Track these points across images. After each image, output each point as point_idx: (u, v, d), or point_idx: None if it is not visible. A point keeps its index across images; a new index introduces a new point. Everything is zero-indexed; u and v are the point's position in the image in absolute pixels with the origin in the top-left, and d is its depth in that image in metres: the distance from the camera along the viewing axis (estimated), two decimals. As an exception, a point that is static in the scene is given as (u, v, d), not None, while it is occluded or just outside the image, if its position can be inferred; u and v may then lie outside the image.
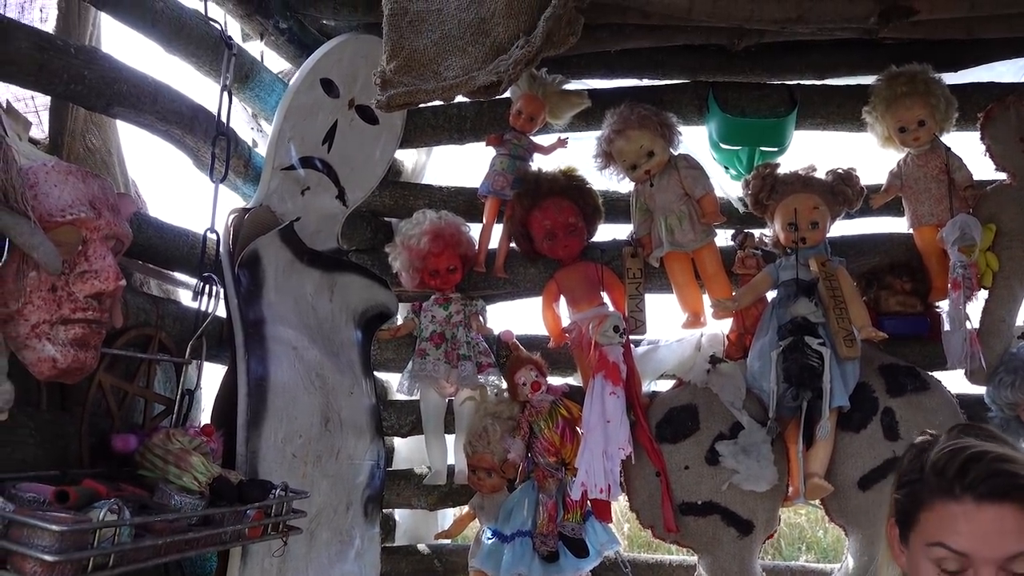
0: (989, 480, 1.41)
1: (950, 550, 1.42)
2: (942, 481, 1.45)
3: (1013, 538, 1.39)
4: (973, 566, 1.41)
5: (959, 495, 1.42)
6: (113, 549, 1.57)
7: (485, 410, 3.07)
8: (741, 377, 2.96)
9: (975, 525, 1.41)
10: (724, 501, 2.83)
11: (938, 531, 1.44)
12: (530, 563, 2.95)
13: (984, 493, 1.41)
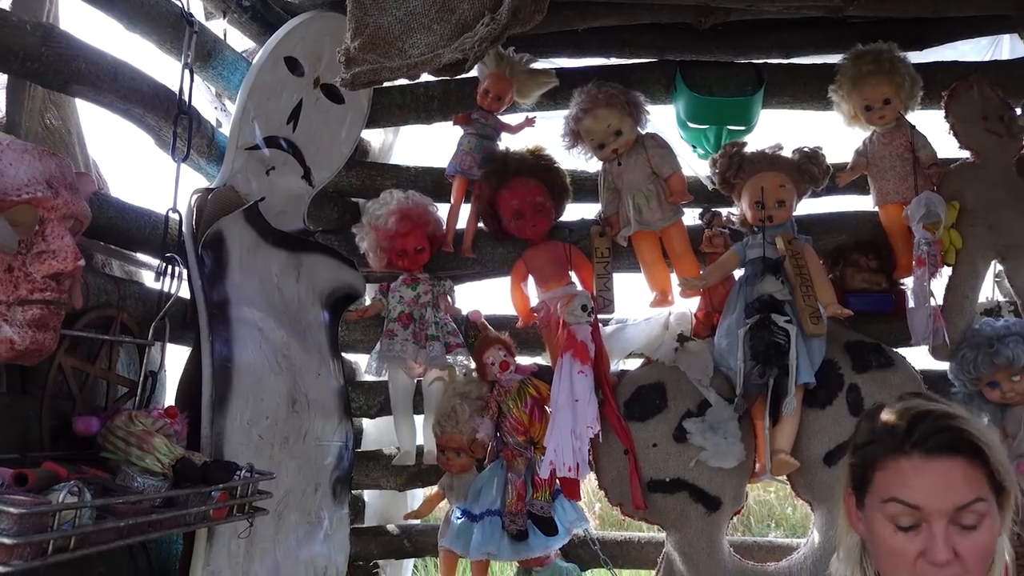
0: (936, 435, 1.46)
1: (903, 503, 1.47)
2: (892, 440, 1.50)
3: (962, 489, 1.44)
4: (926, 519, 1.45)
5: (909, 451, 1.48)
6: (74, 531, 1.56)
7: (454, 390, 3.07)
8: (708, 355, 2.97)
9: (925, 478, 1.46)
10: (692, 478, 2.85)
11: (891, 487, 1.49)
12: (499, 542, 2.95)
13: (932, 448, 1.46)
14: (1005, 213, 2.91)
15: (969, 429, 1.46)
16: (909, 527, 1.47)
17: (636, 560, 3.27)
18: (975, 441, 1.45)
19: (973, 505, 1.44)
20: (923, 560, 1.45)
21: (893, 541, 1.49)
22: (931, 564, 1.44)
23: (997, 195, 2.93)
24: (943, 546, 1.43)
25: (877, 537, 1.52)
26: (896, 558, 1.49)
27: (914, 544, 1.46)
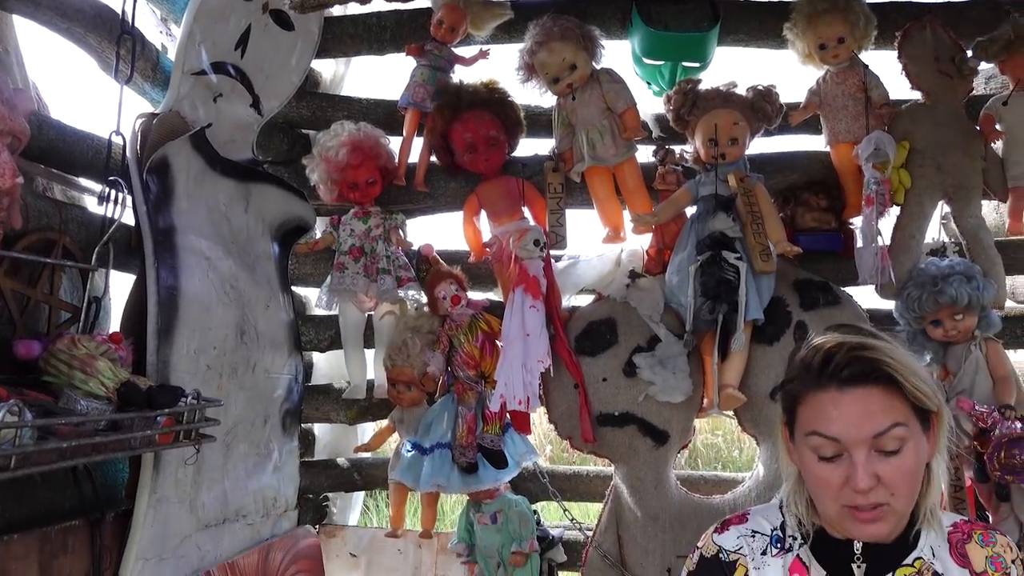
0: (848, 367, 1.49)
1: (823, 436, 1.50)
2: (810, 375, 1.53)
3: (879, 417, 1.47)
4: (846, 449, 1.48)
5: (825, 384, 1.51)
6: (14, 451, 1.53)
7: (405, 324, 3.06)
8: (659, 291, 2.98)
9: (841, 409, 1.49)
10: (640, 412, 2.88)
11: (811, 421, 1.52)
12: (449, 474, 2.97)
13: (846, 379, 1.49)
14: (953, 154, 2.94)
15: (881, 358, 1.49)
16: (831, 457, 1.49)
17: (585, 493, 3.31)
18: (887, 369, 1.48)
19: (891, 431, 1.47)
20: (847, 488, 1.48)
21: (818, 471, 1.51)
22: (854, 491, 1.47)
23: (946, 136, 2.95)
24: (863, 474, 1.45)
25: (805, 468, 1.56)
26: (823, 487, 1.51)
27: (837, 473, 1.49)
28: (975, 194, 2.98)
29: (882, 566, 1.58)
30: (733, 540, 1.66)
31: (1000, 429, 2.67)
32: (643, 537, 2.86)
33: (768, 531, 1.66)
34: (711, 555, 1.66)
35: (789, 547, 1.63)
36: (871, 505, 1.47)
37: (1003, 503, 2.85)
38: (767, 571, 1.61)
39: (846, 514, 1.50)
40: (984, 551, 1.60)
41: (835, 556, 1.60)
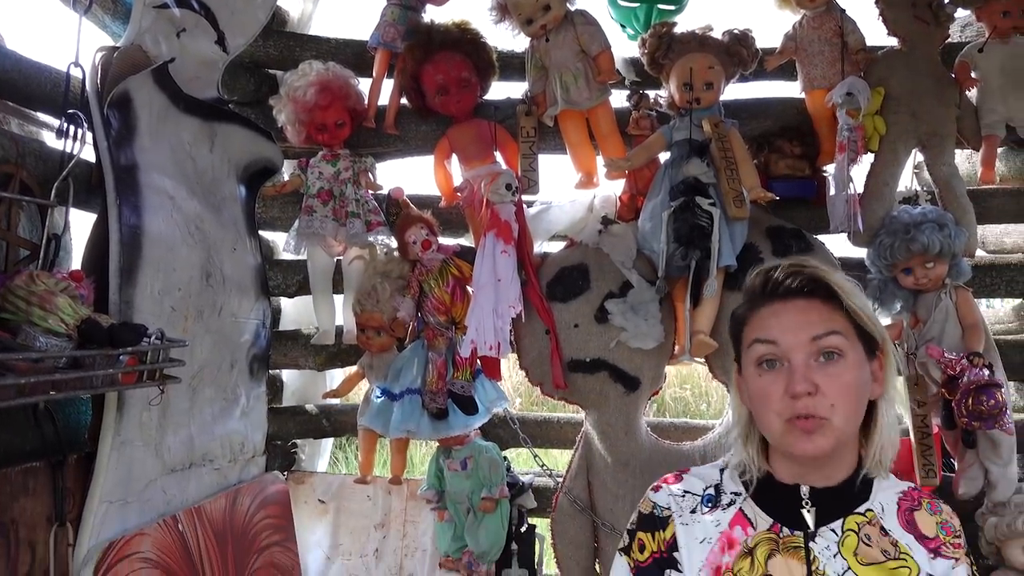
0: (787, 280, 1.56)
1: (762, 341, 1.55)
2: (753, 296, 1.61)
3: (817, 323, 1.53)
4: (786, 356, 1.52)
5: (768, 300, 1.58)
6: (-31, 386, 1.48)
7: (374, 269, 3.02)
8: (632, 237, 2.96)
9: (782, 318, 1.55)
10: (612, 358, 2.87)
11: (753, 332, 1.58)
12: (419, 420, 2.95)
13: (785, 292, 1.56)
14: (928, 101, 2.93)
15: (820, 273, 1.55)
16: (771, 364, 1.53)
17: (555, 440, 3.31)
18: (826, 282, 1.54)
19: (829, 337, 1.51)
20: (787, 397, 1.50)
21: (760, 384, 1.55)
22: (792, 397, 1.49)
23: (921, 83, 2.94)
24: (800, 376, 1.49)
25: (749, 387, 1.58)
26: (765, 401, 1.54)
27: (778, 383, 1.52)
28: (949, 142, 2.97)
29: (832, 511, 1.59)
30: (664, 498, 1.69)
31: (968, 376, 2.68)
32: (613, 483, 2.87)
33: (700, 490, 1.68)
34: (647, 512, 1.69)
35: (729, 503, 1.65)
36: (810, 414, 1.49)
37: (969, 450, 2.88)
38: (695, 528, 1.63)
39: (788, 428, 1.52)
40: (934, 519, 1.62)
41: (782, 504, 1.61)
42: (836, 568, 1.55)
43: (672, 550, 1.63)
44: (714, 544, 1.61)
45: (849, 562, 1.55)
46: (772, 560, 1.58)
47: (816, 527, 1.59)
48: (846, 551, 1.56)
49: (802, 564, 1.56)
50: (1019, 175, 3.15)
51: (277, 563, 2.97)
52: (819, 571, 1.55)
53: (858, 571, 1.55)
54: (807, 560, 1.56)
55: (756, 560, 1.58)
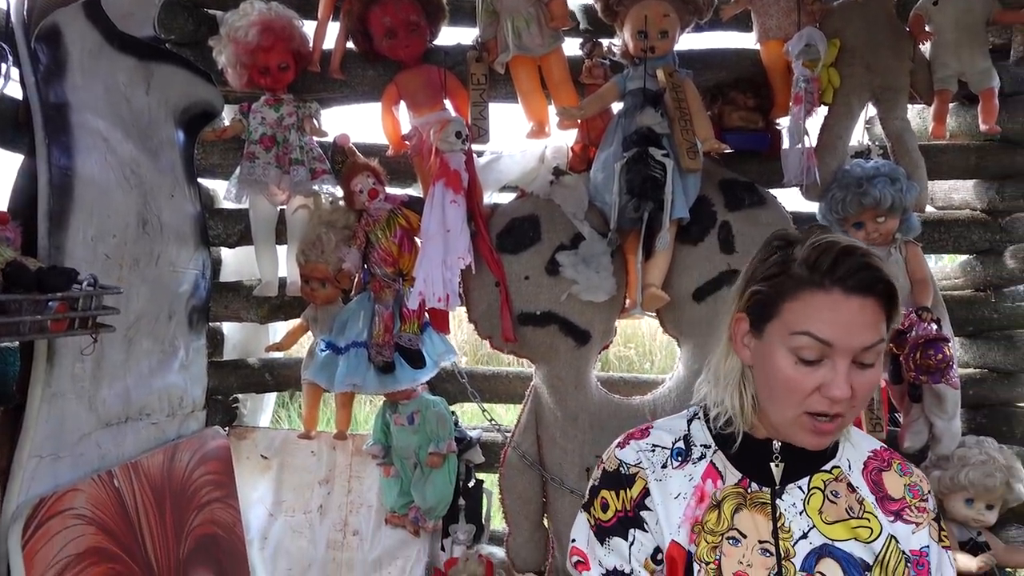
0: (858, 273, 1.45)
1: (815, 338, 1.45)
2: (813, 274, 1.47)
3: (871, 330, 1.45)
4: (831, 355, 1.45)
5: (829, 287, 1.46)
6: None
7: (319, 218, 2.93)
8: (584, 189, 2.91)
9: (841, 315, 1.45)
10: (562, 311, 2.82)
11: (804, 320, 1.47)
12: (365, 374, 2.89)
13: (853, 286, 1.44)
14: (883, 54, 2.90)
15: (885, 271, 1.47)
16: (812, 361, 1.46)
17: (504, 394, 3.27)
18: (890, 283, 1.46)
19: (876, 346, 1.46)
20: (818, 394, 1.46)
21: (792, 372, 1.48)
22: (826, 398, 1.45)
23: (877, 35, 2.90)
24: (844, 383, 1.44)
25: (773, 367, 1.51)
26: (792, 390, 1.48)
27: (813, 378, 1.46)
28: (902, 96, 2.95)
29: (800, 468, 1.59)
30: (633, 455, 1.64)
31: (917, 331, 2.70)
32: (562, 437, 2.83)
33: (669, 444, 1.65)
34: (612, 469, 1.64)
35: (700, 456, 1.62)
36: (834, 414, 1.47)
37: (915, 404, 2.91)
38: (669, 483, 1.60)
39: (803, 422, 1.49)
40: (903, 480, 1.63)
41: (752, 458, 1.60)
42: (801, 525, 1.55)
43: (640, 508, 1.60)
44: (689, 499, 1.59)
45: (814, 520, 1.56)
46: (739, 514, 1.57)
47: (783, 484, 1.58)
48: (811, 510, 1.57)
49: (768, 520, 1.56)
50: (969, 131, 3.15)
51: (218, 520, 2.90)
52: (784, 528, 1.55)
53: (822, 529, 1.55)
54: (773, 516, 1.56)
55: (723, 514, 1.57)
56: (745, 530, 1.55)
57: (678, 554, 1.56)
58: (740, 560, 1.54)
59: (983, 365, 3.27)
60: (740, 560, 1.54)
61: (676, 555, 1.56)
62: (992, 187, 3.17)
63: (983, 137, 3.11)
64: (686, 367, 2.90)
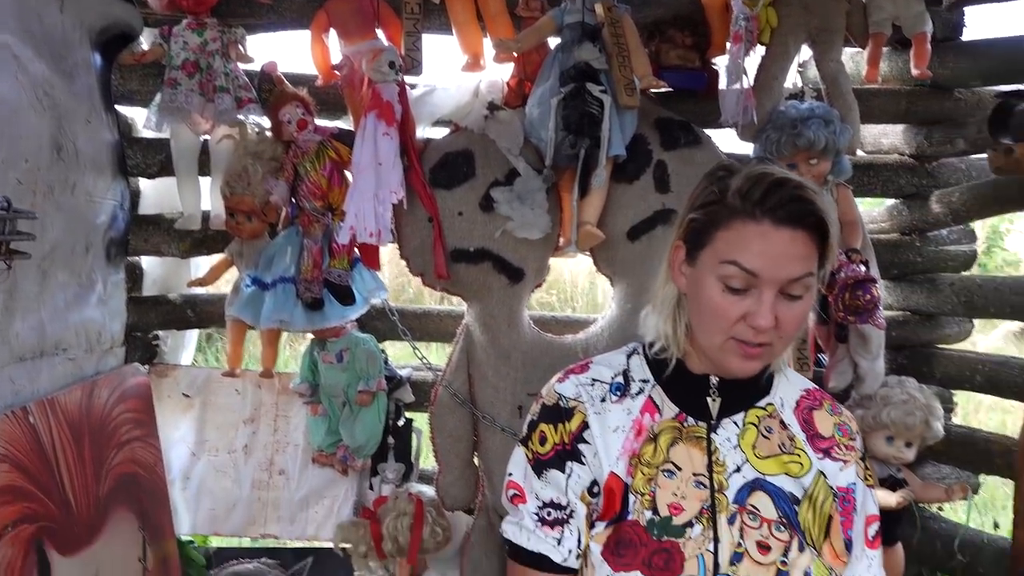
0: (789, 205, 1.43)
1: (741, 268, 1.45)
2: (745, 203, 1.46)
3: (799, 262, 1.45)
4: (758, 285, 1.45)
5: (759, 217, 1.45)
6: None
7: (245, 149, 2.82)
8: (519, 124, 2.85)
9: (769, 246, 1.44)
10: (496, 248, 2.77)
11: (732, 250, 1.46)
12: (292, 310, 2.81)
13: (782, 217, 1.43)
14: (821, -6, 2.90)
15: (819, 204, 1.45)
16: (739, 290, 1.46)
17: (435, 333, 3.23)
18: (821, 216, 1.45)
19: (804, 279, 1.46)
20: (743, 323, 1.46)
21: (720, 300, 1.48)
22: (751, 327, 1.46)
23: (815, -25, 2.90)
24: (768, 313, 1.44)
25: (703, 294, 1.51)
26: (718, 317, 1.48)
27: (739, 307, 1.46)
28: (838, 37, 2.96)
29: (736, 403, 1.60)
30: (572, 389, 1.63)
31: (846, 272, 2.73)
32: (494, 375, 2.81)
33: (608, 379, 1.64)
34: (552, 403, 1.63)
35: (638, 391, 1.62)
36: (758, 343, 1.47)
37: (840, 344, 2.96)
38: (608, 417, 1.59)
39: (730, 347, 1.49)
40: (833, 419, 1.65)
41: (689, 392, 1.60)
42: (735, 459, 1.57)
43: (577, 441, 1.59)
44: (628, 432, 1.59)
45: (747, 454, 1.57)
46: (675, 448, 1.57)
47: (719, 418, 1.59)
48: (745, 444, 1.58)
49: (703, 454, 1.57)
50: (900, 76, 3.18)
51: (138, 459, 2.82)
52: (719, 461, 1.56)
53: (755, 463, 1.57)
54: (708, 450, 1.57)
55: (659, 447, 1.57)
56: (680, 463, 1.56)
57: (616, 485, 1.56)
58: (675, 492, 1.54)
59: (906, 307, 3.35)
60: (675, 492, 1.54)
61: (614, 486, 1.56)
62: (921, 132, 3.22)
63: (914, 82, 3.15)
64: (619, 306, 2.89)
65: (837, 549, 1.58)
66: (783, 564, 1.52)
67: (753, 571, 1.51)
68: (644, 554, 1.51)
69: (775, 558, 1.52)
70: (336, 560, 3.04)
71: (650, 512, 1.52)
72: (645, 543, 1.51)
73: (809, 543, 1.55)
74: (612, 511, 1.55)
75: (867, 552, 1.64)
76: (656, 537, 1.52)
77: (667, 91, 3.05)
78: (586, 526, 1.57)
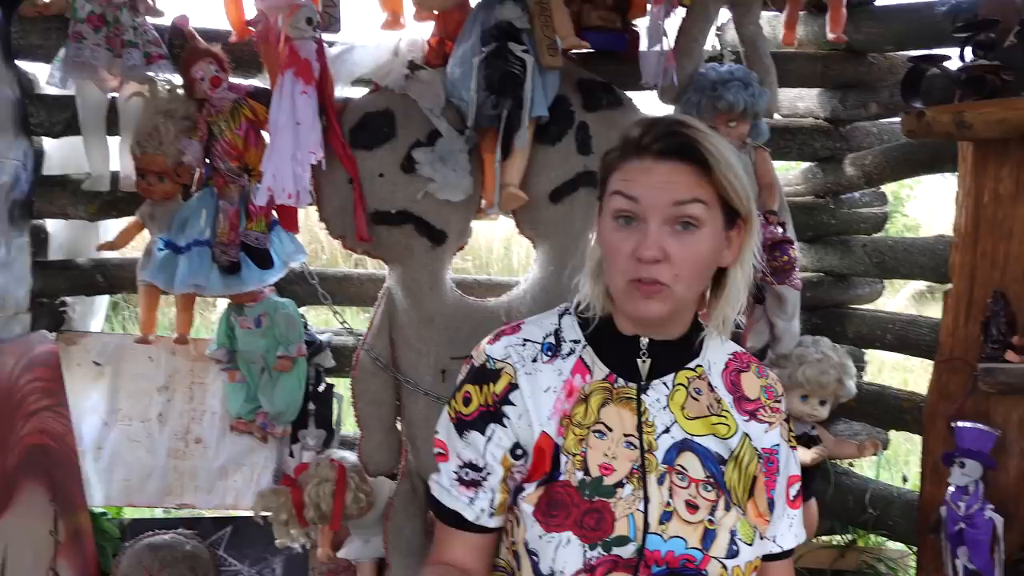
0: (666, 138, 1.47)
1: (624, 195, 1.49)
2: (628, 145, 1.51)
3: (683, 189, 1.47)
4: (644, 215, 1.47)
5: (641, 154, 1.49)
6: None
7: (156, 107, 2.73)
8: (440, 84, 2.80)
9: (650, 176, 1.47)
10: (418, 210, 2.73)
11: (617, 183, 1.51)
12: (208, 274, 2.74)
13: (660, 150, 1.47)
14: (740, -43, 2.92)
15: (700, 138, 1.47)
16: (628, 220, 1.49)
17: (355, 297, 3.20)
18: (702, 149, 1.46)
19: (690, 204, 1.46)
20: (633, 257, 1.47)
21: (613, 237, 1.50)
22: (639, 260, 1.46)
23: (735, -63, 2.91)
24: (651, 242, 1.45)
25: (602, 237, 1.54)
26: (613, 256, 1.50)
27: (630, 241, 1.47)
28: (756, 1, 2.97)
29: (666, 365, 1.61)
30: (501, 350, 1.62)
31: (764, 233, 2.77)
32: (417, 339, 2.78)
33: (540, 339, 1.64)
34: (479, 364, 1.63)
35: (569, 351, 1.62)
36: (652, 279, 1.46)
37: (758, 305, 3.00)
38: (539, 377, 1.59)
39: (631, 290, 1.49)
40: (759, 382, 1.67)
41: (620, 353, 1.61)
42: (664, 420, 1.58)
43: (502, 403, 1.58)
44: (559, 392, 1.58)
45: (676, 415, 1.58)
46: (605, 408, 1.58)
47: (649, 380, 1.60)
48: (674, 405, 1.59)
49: (633, 414, 1.57)
50: (816, 40, 3.23)
51: (48, 429, 2.73)
52: (648, 422, 1.57)
53: (683, 424, 1.58)
54: (638, 411, 1.58)
55: (590, 407, 1.58)
56: (611, 424, 1.57)
57: (547, 445, 1.56)
58: (605, 452, 1.55)
59: (820, 269, 3.42)
60: (605, 452, 1.55)
61: (545, 446, 1.56)
62: (835, 96, 3.28)
63: (829, 46, 3.20)
64: (542, 268, 2.88)
65: (760, 508, 1.61)
66: (710, 523, 1.54)
67: (681, 530, 1.52)
68: (576, 514, 1.51)
69: (702, 517, 1.54)
70: (256, 529, 2.99)
71: (581, 473, 1.52)
72: (576, 503, 1.52)
73: (735, 502, 1.57)
74: (543, 471, 1.55)
75: (788, 511, 1.69)
76: (588, 497, 1.52)
77: (588, 52, 3.04)
78: (502, 488, 1.58)
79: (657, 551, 1.51)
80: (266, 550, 3.09)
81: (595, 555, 1.50)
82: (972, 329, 2.62)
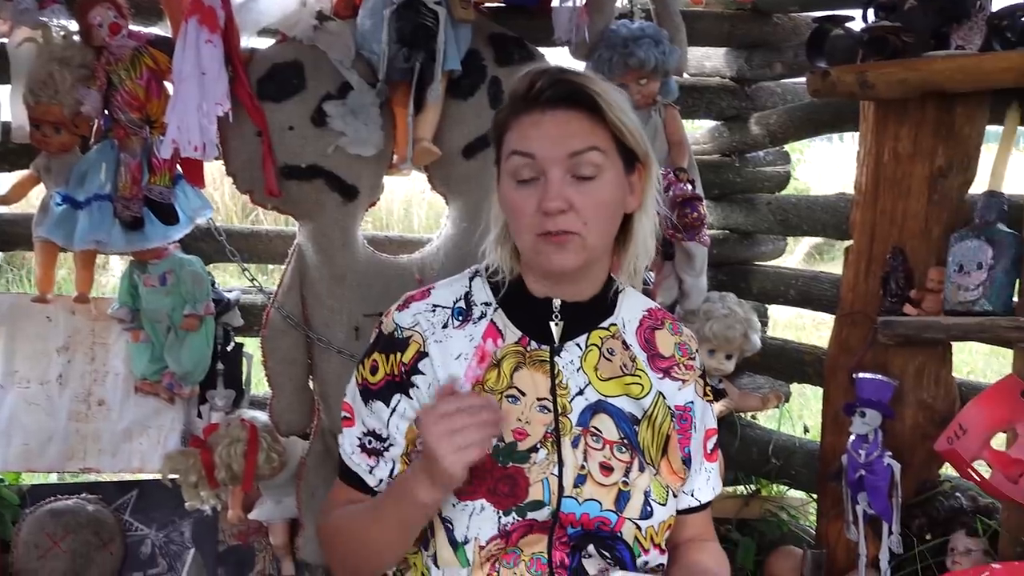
0: (551, 88, 1.47)
1: (520, 153, 1.48)
2: (516, 102, 1.50)
3: (577, 137, 1.47)
4: (542, 170, 1.47)
5: (529, 108, 1.48)
6: None
7: (50, 54, 2.59)
8: (351, 36, 2.74)
9: (542, 129, 1.47)
10: (329, 165, 2.68)
11: (512, 142, 1.50)
12: (110, 230, 2.64)
13: (548, 101, 1.47)
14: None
15: (586, 84, 1.47)
16: (527, 180, 1.48)
17: (264, 254, 3.13)
18: (591, 94, 1.46)
19: (587, 153, 1.46)
20: (539, 212, 1.47)
21: (514, 197, 1.50)
22: (544, 214, 1.46)
23: None
24: (554, 194, 1.45)
25: (504, 200, 1.53)
26: (518, 215, 1.50)
27: (532, 198, 1.47)
28: (667, -42, 3.00)
29: (579, 326, 1.61)
30: (410, 318, 1.61)
31: (674, 190, 2.82)
32: (329, 297, 2.74)
33: (450, 303, 1.63)
34: (388, 332, 1.61)
35: (481, 315, 1.61)
36: (561, 230, 1.46)
37: (666, 261, 3.05)
38: (450, 344, 1.58)
39: (540, 244, 1.48)
40: (674, 339, 1.68)
41: (532, 316, 1.60)
42: (578, 382, 1.58)
43: (411, 373, 1.57)
44: (471, 358, 1.57)
45: (589, 376, 1.59)
46: (518, 372, 1.57)
47: (562, 341, 1.60)
48: (588, 366, 1.59)
49: (546, 377, 1.57)
50: (723, 0, 3.27)
51: (-61, 392, 2.61)
52: (562, 384, 1.57)
53: (597, 386, 1.59)
54: (551, 374, 1.58)
55: (502, 372, 1.57)
56: (524, 388, 1.57)
57: None
58: (519, 417, 1.55)
59: (726, 226, 3.49)
60: (519, 417, 1.55)
61: None
62: (742, 55, 3.33)
63: (735, 6, 3.24)
64: (454, 224, 2.87)
65: (675, 467, 1.63)
66: (624, 484, 1.55)
67: (596, 492, 1.54)
68: (490, 481, 1.51)
69: (617, 479, 1.55)
70: (164, 492, 2.93)
71: (495, 439, 1.50)
72: (490, 470, 1.51)
73: (648, 462, 1.59)
74: None
75: (706, 465, 1.72)
76: (502, 463, 1.52)
77: (499, 6, 3.01)
78: (403, 461, 1.58)
79: (572, 514, 1.52)
80: (174, 513, 3.03)
81: (510, 520, 1.50)
82: (872, 284, 2.71)
